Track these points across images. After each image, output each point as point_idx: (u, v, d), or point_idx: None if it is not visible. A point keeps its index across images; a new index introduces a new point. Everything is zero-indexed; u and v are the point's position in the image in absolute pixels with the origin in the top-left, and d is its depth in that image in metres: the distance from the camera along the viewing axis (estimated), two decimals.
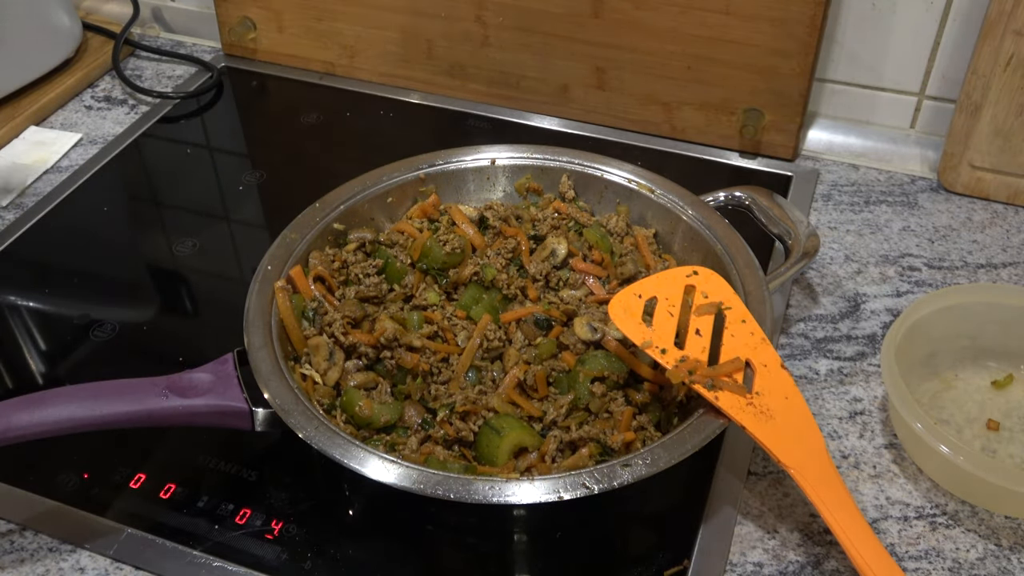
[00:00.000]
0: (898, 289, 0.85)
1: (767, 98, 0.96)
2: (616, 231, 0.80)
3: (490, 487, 0.59)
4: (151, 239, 0.94)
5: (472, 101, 1.09)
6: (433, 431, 0.66)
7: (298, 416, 0.63)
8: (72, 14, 1.14)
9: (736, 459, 0.70)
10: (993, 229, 0.91)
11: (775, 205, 0.82)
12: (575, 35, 1.00)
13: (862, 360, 0.78)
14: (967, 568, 0.64)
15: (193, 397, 0.64)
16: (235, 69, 1.16)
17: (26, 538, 0.66)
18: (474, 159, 0.85)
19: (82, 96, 1.13)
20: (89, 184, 0.99)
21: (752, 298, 0.71)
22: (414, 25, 1.07)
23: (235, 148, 1.07)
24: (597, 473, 0.59)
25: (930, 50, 0.95)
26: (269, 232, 0.93)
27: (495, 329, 0.72)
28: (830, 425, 0.73)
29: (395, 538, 0.66)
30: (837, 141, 1.01)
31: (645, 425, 0.67)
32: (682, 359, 0.65)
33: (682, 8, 0.94)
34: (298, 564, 0.64)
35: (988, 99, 0.88)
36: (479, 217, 0.81)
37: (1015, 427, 0.72)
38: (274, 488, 0.69)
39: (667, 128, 1.02)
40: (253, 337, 0.68)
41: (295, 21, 1.12)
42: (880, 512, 0.67)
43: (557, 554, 0.66)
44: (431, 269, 0.77)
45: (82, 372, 0.79)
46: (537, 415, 0.67)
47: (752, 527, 0.66)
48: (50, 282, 0.88)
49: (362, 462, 0.60)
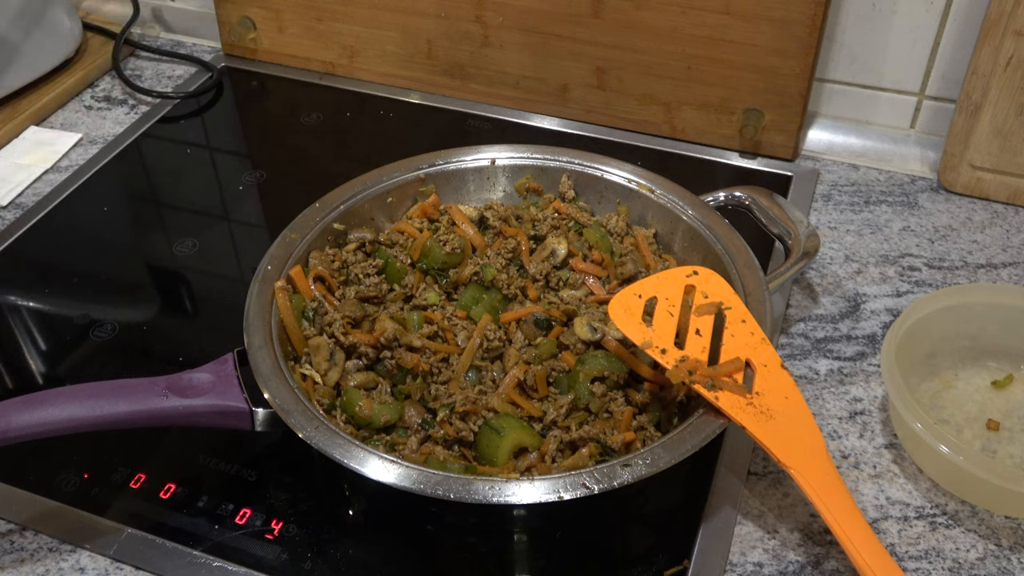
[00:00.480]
0: (898, 289, 0.85)
1: (767, 98, 0.96)
2: (616, 231, 0.80)
3: (490, 487, 0.59)
4: (151, 239, 0.94)
5: (472, 101, 1.09)
6: (433, 431, 0.66)
7: (298, 416, 0.63)
8: (72, 14, 1.14)
9: (736, 459, 0.70)
10: (993, 229, 0.91)
11: (775, 205, 0.82)
12: (575, 35, 1.00)
13: (862, 360, 0.78)
14: (967, 568, 0.64)
15: (193, 397, 0.64)
16: (235, 69, 1.16)
17: (26, 538, 0.66)
18: (474, 159, 0.85)
19: (82, 96, 1.13)
20: (89, 184, 0.99)
21: (752, 298, 0.71)
22: (414, 25, 1.07)
23: (235, 148, 1.07)
24: (597, 473, 0.59)
25: (930, 50, 0.95)
26: (269, 232, 0.93)
27: (495, 329, 0.72)
28: (830, 425, 0.73)
29: (395, 538, 0.66)
30: (837, 141, 1.01)
31: (645, 425, 0.67)
32: (682, 359, 0.65)
33: (682, 8, 0.94)
34: (298, 564, 0.64)
35: (988, 99, 0.88)
36: (479, 217, 0.81)
37: (1015, 427, 0.72)
38: (274, 488, 0.69)
39: (667, 128, 1.03)
40: (253, 337, 0.68)
41: (295, 21, 1.12)
42: (880, 512, 0.67)
43: (557, 554, 0.66)
44: (431, 269, 0.77)
45: (82, 372, 0.79)
46: (537, 415, 0.67)
47: (752, 527, 0.66)
48: (50, 282, 0.88)
49: (362, 462, 0.60)
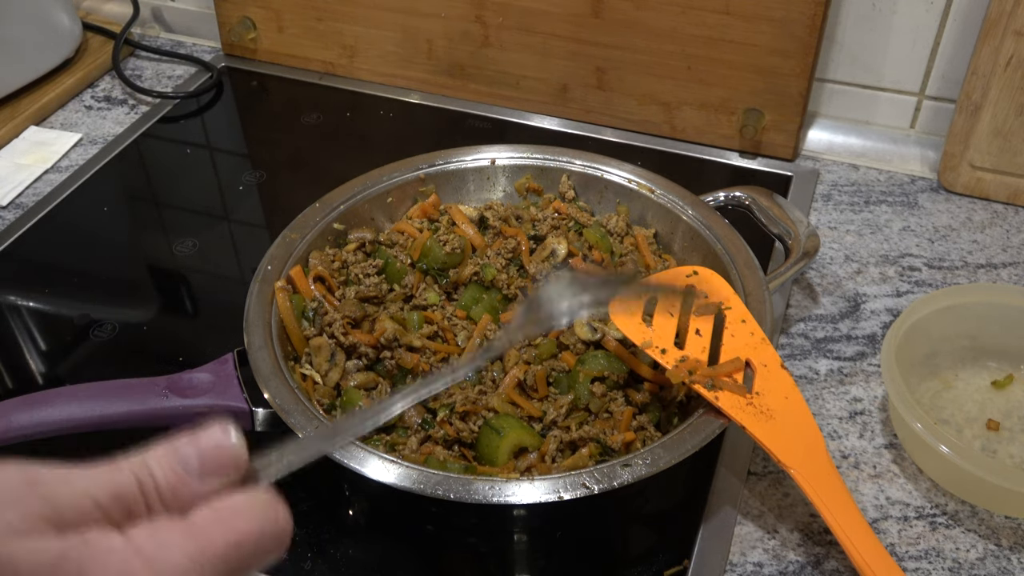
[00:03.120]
0: (898, 289, 0.85)
1: (767, 98, 0.96)
2: (616, 231, 0.80)
3: (490, 487, 0.59)
4: (151, 239, 0.94)
5: (472, 101, 1.09)
6: (433, 431, 0.66)
7: (298, 416, 0.63)
8: (72, 14, 1.14)
9: (736, 459, 0.70)
10: (993, 229, 0.91)
11: (775, 205, 0.82)
12: (575, 35, 1.00)
13: (862, 360, 0.78)
14: (967, 568, 0.64)
15: (193, 397, 0.65)
16: (235, 69, 1.16)
17: None
18: (474, 159, 0.85)
19: (82, 96, 1.13)
20: (89, 184, 0.99)
21: (752, 298, 0.71)
22: (414, 25, 1.07)
23: (235, 148, 1.07)
24: (597, 473, 0.59)
25: (930, 50, 0.95)
26: (269, 232, 0.93)
27: (495, 329, 0.72)
28: (830, 425, 0.73)
29: (395, 538, 0.66)
30: (837, 141, 1.01)
31: (645, 425, 0.67)
32: (682, 359, 0.65)
33: (682, 8, 0.94)
34: (298, 564, 0.64)
35: (988, 99, 0.88)
36: (479, 217, 0.81)
37: (1015, 427, 0.72)
38: (274, 488, 0.69)
39: (667, 128, 1.03)
40: (253, 337, 0.68)
41: (295, 21, 1.12)
42: (880, 512, 0.67)
43: (557, 554, 0.66)
44: (431, 269, 0.77)
45: (82, 372, 0.79)
46: (537, 415, 0.67)
47: (752, 527, 0.66)
48: (50, 282, 0.88)
49: (362, 462, 0.60)
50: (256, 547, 0.34)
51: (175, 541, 0.33)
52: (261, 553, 0.35)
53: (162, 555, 0.32)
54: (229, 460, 0.36)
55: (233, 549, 0.33)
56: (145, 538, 0.32)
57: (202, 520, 0.34)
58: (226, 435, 0.36)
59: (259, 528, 0.35)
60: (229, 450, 0.36)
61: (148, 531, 0.33)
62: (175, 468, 0.35)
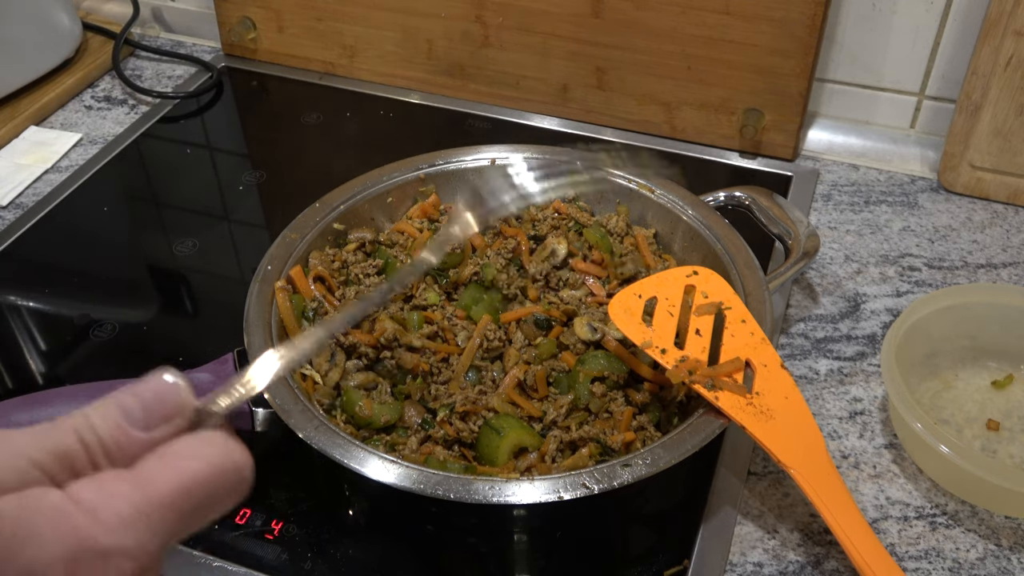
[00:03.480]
0: (898, 289, 0.85)
1: (767, 98, 0.96)
2: (616, 231, 0.80)
3: (490, 487, 0.59)
4: (151, 239, 0.94)
5: (472, 101, 1.09)
6: (433, 431, 0.66)
7: (298, 416, 0.63)
8: (72, 14, 1.14)
9: (736, 459, 0.70)
10: (993, 229, 0.91)
11: (775, 205, 0.82)
12: (575, 35, 1.00)
13: (862, 360, 0.78)
14: (967, 568, 0.64)
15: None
16: (235, 69, 1.16)
17: None
18: (474, 159, 0.85)
19: (82, 96, 1.13)
20: (89, 184, 0.99)
21: (752, 298, 0.71)
22: (414, 25, 1.07)
23: (235, 148, 1.07)
24: (597, 473, 0.59)
25: (930, 50, 0.95)
26: (269, 232, 0.93)
27: (495, 329, 0.72)
28: (830, 425, 0.73)
29: (395, 538, 0.66)
30: (837, 141, 1.01)
31: (645, 425, 0.67)
32: (682, 359, 0.65)
33: (682, 8, 0.94)
34: (298, 564, 0.64)
35: (988, 99, 0.88)
36: None
37: (1015, 427, 0.72)
38: (274, 488, 0.69)
39: (667, 128, 1.03)
40: (253, 337, 0.68)
41: (295, 21, 1.12)
42: (880, 512, 0.67)
43: (557, 554, 0.66)
44: (431, 269, 0.77)
45: (82, 372, 0.79)
46: (537, 415, 0.67)
47: (752, 527, 0.66)
48: (50, 282, 0.88)
49: (362, 462, 0.60)
50: (209, 489, 0.33)
51: (119, 490, 0.31)
52: (217, 496, 0.33)
53: (106, 505, 0.31)
54: (173, 406, 0.34)
55: (182, 493, 0.32)
56: (87, 491, 0.31)
57: (147, 467, 0.33)
58: (168, 381, 0.34)
59: (209, 469, 0.33)
60: (172, 396, 0.34)
61: (91, 484, 0.32)
62: (118, 421, 0.33)
